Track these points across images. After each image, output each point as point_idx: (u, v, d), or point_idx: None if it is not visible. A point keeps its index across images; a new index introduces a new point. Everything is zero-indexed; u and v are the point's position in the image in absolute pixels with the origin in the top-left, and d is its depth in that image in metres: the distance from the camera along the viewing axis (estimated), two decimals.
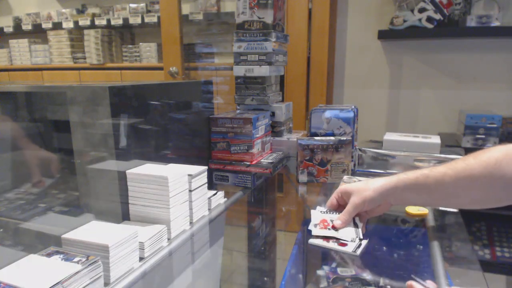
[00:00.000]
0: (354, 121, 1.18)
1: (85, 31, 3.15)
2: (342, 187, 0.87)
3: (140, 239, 0.69)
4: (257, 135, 1.16)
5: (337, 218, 0.84)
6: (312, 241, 0.83)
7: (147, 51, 3.08)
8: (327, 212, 0.89)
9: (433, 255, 0.77)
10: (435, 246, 0.80)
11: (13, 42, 3.54)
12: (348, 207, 0.82)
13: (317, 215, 0.88)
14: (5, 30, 3.57)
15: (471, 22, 1.95)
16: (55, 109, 0.91)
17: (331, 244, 0.82)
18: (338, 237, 0.82)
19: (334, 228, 0.83)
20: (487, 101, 2.18)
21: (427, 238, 0.87)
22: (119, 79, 3.11)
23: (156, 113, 0.92)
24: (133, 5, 3.08)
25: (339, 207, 0.88)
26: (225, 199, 1.00)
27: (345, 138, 1.14)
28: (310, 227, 0.86)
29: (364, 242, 0.83)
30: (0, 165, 0.97)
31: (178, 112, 1.02)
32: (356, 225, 0.85)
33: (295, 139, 1.19)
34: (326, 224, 0.85)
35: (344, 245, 0.82)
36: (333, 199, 0.88)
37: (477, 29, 1.96)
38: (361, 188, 0.82)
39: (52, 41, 3.37)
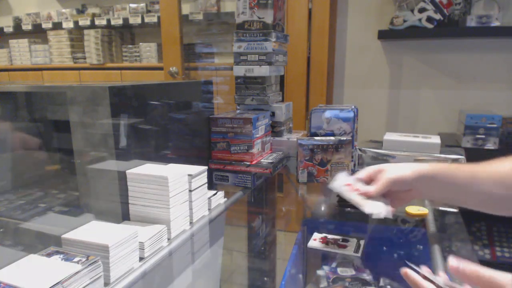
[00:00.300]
0: (354, 121, 1.18)
1: (85, 31, 3.15)
2: (374, 166, 0.81)
3: (140, 239, 0.69)
4: (257, 135, 1.16)
5: (370, 187, 0.76)
6: (311, 244, 0.83)
7: (147, 51, 3.08)
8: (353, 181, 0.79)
9: (433, 255, 0.77)
10: (435, 246, 0.80)
11: (13, 42, 3.54)
12: (383, 180, 0.76)
13: (344, 178, 0.79)
14: (5, 30, 3.57)
15: (471, 22, 1.95)
16: (55, 109, 0.91)
17: (331, 247, 0.81)
18: (367, 207, 0.73)
19: (363, 195, 0.75)
20: (487, 101, 2.18)
21: (427, 238, 0.87)
22: (119, 79, 3.11)
23: (156, 113, 0.92)
24: (133, 5, 3.08)
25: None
26: (225, 199, 1.00)
27: (345, 138, 1.14)
28: (335, 184, 0.77)
29: (363, 243, 0.83)
30: (0, 165, 0.97)
31: (178, 112, 1.02)
32: (385, 203, 0.77)
33: (295, 139, 1.19)
34: (354, 188, 0.77)
35: (344, 246, 0.82)
36: (362, 174, 0.81)
37: (477, 29, 1.96)
38: (396, 166, 0.78)
39: (52, 41, 3.37)
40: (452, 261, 0.54)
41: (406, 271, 0.57)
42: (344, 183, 0.78)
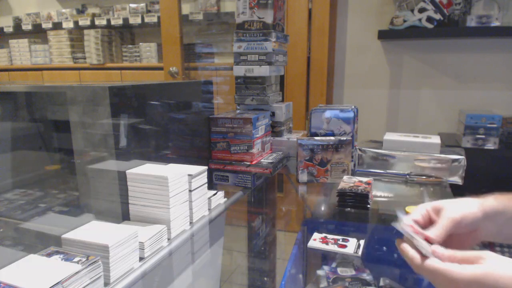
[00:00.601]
0: (354, 121, 1.18)
1: (85, 31, 3.15)
2: (430, 203, 0.67)
3: (140, 239, 0.69)
4: (257, 135, 1.16)
5: (430, 232, 0.62)
6: (311, 244, 0.83)
7: (147, 51, 3.09)
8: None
9: None
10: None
11: (13, 42, 3.54)
12: (444, 222, 0.62)
13: (405, 218, 0.64)
14: (5, 30, 3.57)
15: (471, 22, 1.95)
16: (55, 109, 0.91)
17: (331, 247, 0.82)
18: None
19: (428, 241, 0.60)
20: (487, 101, 2.18)
21: None
22: (119, 79, 3.11)
23: (156, 113, 0.92)
24: (133, 5, 3.08)
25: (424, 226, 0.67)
26: (225, 199, 1.00)
27: (345, 138, 1.14)
28: (401, 225, 0.62)
29: (363, 243, 0.83)
30: (0, 165, 0.97)
31: (178, 112, 1.02)
32: None
33: (295, 139, 1.19)
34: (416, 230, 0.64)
35: (344, 246, 0.82)
36: (418, 215, 0.66)
37: (477, 29, 1.96)
38: (455, 203, 0.66)
39: (52, 41, 3.37)
40: (437, 247, 0.55)
41: (399, 240, 0.58)
42: (408, 224, 0.64)
